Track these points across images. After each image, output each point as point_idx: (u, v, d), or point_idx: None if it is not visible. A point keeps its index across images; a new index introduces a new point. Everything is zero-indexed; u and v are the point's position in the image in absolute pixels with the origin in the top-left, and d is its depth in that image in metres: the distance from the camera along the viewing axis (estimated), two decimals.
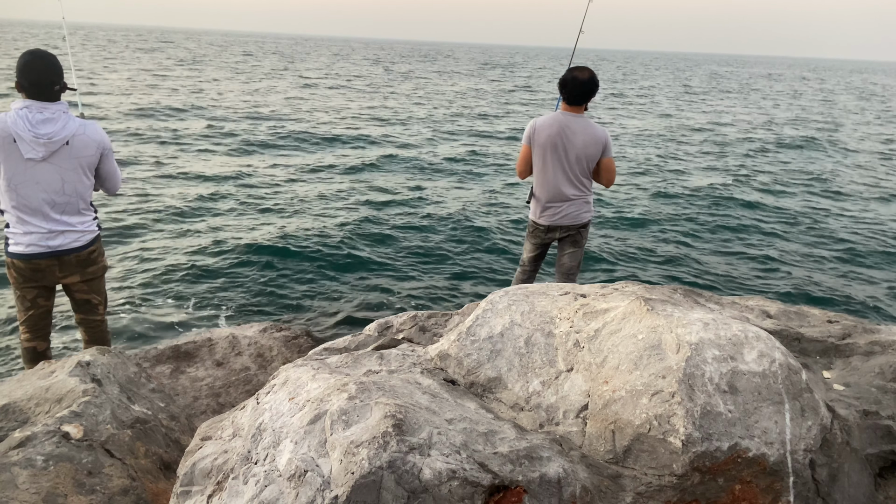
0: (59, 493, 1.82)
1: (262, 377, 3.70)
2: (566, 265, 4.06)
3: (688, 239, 8.77)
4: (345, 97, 26.48)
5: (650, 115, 25.02)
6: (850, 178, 13.82)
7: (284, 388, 1.81)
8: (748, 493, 1.58)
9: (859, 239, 9.10)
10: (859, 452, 1.80)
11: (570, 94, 3.74)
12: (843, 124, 24.32)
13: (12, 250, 2.94)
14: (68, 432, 2.00)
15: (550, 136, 3.78)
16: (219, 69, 38.93)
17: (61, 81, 2.85)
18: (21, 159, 2.78)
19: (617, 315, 1.92)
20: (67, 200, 2.95)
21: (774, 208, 10.72)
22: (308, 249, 7.66)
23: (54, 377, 2.31)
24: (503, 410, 1.84)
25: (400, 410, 1.54)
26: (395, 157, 13.76)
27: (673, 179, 12.82)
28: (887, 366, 2.08)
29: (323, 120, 19.20)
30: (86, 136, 2.92)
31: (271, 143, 14.91)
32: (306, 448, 1.50)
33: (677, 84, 49.29)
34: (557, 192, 3.89)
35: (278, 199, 9.98)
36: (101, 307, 3.28)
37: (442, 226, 8.98)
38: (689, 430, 1.56)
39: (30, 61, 2.77)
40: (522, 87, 38.57)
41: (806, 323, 2.47)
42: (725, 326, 1.79)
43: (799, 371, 1.73)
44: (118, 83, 26.10)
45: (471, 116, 22.23)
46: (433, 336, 2.38)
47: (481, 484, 1.43)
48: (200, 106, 20.59)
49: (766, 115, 26.65)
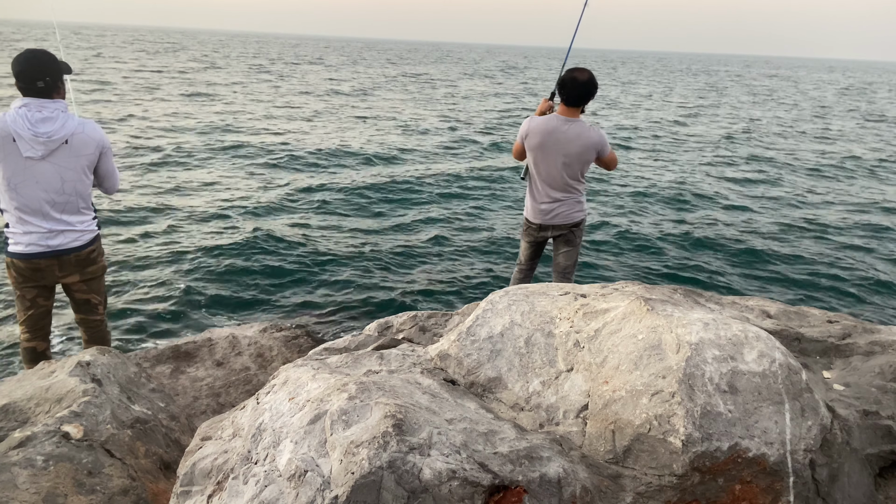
0: (59, 493, 1.82)
1: (262, 377, 3.70)
2: (561, 264, 4.07)
3: (687, 239, 8.77)
4: (320, 102, 26.40)
5: (650, 116, 25.02)
6: (850, 178, 13.82)
7: (284, 388, 1.81)
8: (748, 493, 1.58)
9: (860, 239, 9.10)
10: (859, 452, 1.80)
11: (568, 96, 3.70)
12: (844, 127, 24.31)
13: (12, 250, 2.94)
14: (68, 432, 2.00)
15: (543, 140, 3.76)
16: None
17: (45, 78, 2.81)
18: (20, 158, 2.79)
19: (617, 315, 1.92)
20: (67, 199, 2.95)
21: (774, 209, 10.72)
22: (308, 249, 7.66)
23: (54, 377, 2.31)
24: (503, 410, 1.84)
25: (400, 410, 1.54)
26: (395, 159, 13.76)
27: (673, 179, 12.82)
28: (887, 366, 2.08)
29: (323, 126, 19.20)
30: (85, 135, 2.92)
31: (272, 150, 14.91)
32: (306, 448, 1.50)
33: (681, 84, 49.30)
34: (548, 193, 3.90)
35: (278, 200, 9.98)
36: (101, 307, 3.28)
37: (442, 226, 8.98)
38: (689, 430, 1.56)
39: (18, 56, 2.81)
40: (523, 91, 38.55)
41: (806, 323, 2.47)
42: (725, 326, 1.79)
43: (799, 371, 1.73)
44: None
45: (471, 122, 22.23)
46: (433, 336, 2.38)
47: (481, 484, 1.43)
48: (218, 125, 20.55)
49: (767, 116, 26.64)
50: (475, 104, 26.78)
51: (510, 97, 31.12)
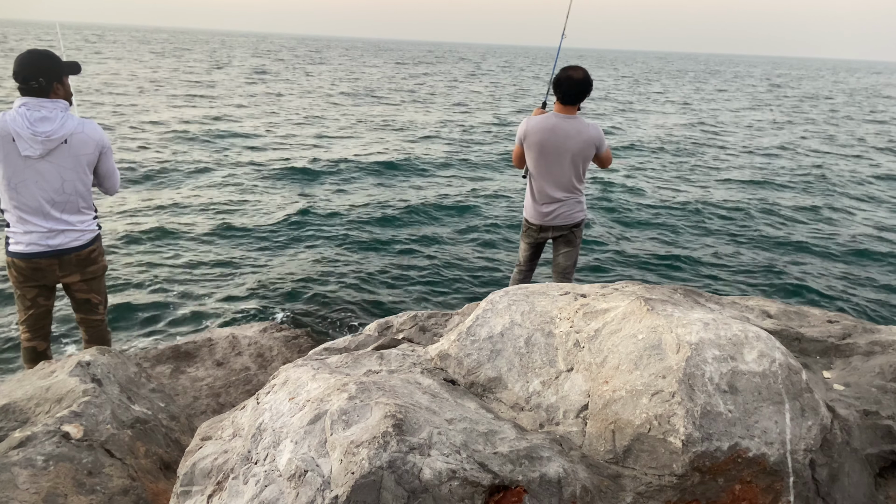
0: (59, 493, 1.82)
1: (262, 377, 3.70)
2: (562, 265, 4.06)
3: (688, 239, 8.77)
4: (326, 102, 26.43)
5: (649, 116, 25.02)
6: (850, 178, 13.82)
7: (284, 388, 1.81)
8: (748, 493, 1.58)
9: (860, 239, 9.09)
10: (859, 452, 1.80)
11: (564, 94, 3.70)
12: (846, 127, 24.31)
13: (12, 249, 2.94)
14: (68, 432, 2.00)
15: (542, 138, 3.75)
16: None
17: (39, 78, 2.81)
18: (20, 157, 2.79)
19: (617, 315, 1.92)
20: (67, 199, 2.95)
21: (774, 208, 10.72)
22: (308, 249, 7.66)
23: (54, 377, 2.31)
24: (503, 410, 1.84)
25: (400, 410, 1.54)
26: (395, 159, 13.76)
27: (673, 180, 12.82)
28: (887, 366, 2.08)
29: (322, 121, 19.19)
30: (84, 135, 2.92)
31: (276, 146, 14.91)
32: (306, 448, 1.50)
33: (685, 84, 49.27)
34: (549, 194, 3.88)
35: (278, 200, 9.98)
36: (102, 307, 3.28)
37: (442, 226, 8.98)
38: (689, 430, 1.56)
39: (17, 56, 2.83)
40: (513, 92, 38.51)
41: (806, 323, 2.47)
42: (725, 326, 1.78)
43: (799, 371, 1.73)
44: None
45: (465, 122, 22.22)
46: (433, 336, 2.38)
47: (481, 484, 1.43)
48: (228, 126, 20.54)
49: (768, 117, 26.64)
50: (475, 105, 26.77)
51: (511, 97, 31.12)
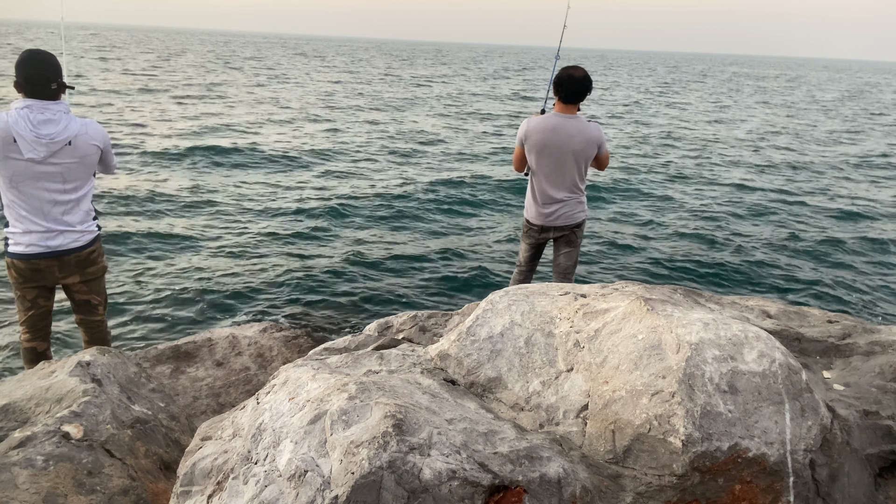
0: (59, 493, 1.82)
1: (262, 377, 3.70)
2: (562, 265, 4.06)
3: (688, 239, 8.77)
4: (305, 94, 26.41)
5: (650, 117, 25.02)
6: (850, 178, 13.82)
7: (284, 388, 1.81)
8: (748, 493, 1.58)
9: (860, 239, 9.09)
10: (859, 452, 1.80)
11: (566, 93, 3.71)
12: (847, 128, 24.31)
13: (12, 250, 2.94)
14: (68, 432, 2.00)
15: (544, 138, 3.75)
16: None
17: (58, 80, 2.84)
18: (22, 159, 2.78)
19: (617, 315, 1.92)
20: (68, 200, 2.95)
21: (774, 208, 10.72)
22: (308, 249, 7.66)
23: (54, 377, 2.31)
24: (503, 410, 1.84)
25: (400, 410, 1.54)
26: (395, 160, 13.76)
27: (673, 180, 12.82)
28: (887, 366, 2.08)
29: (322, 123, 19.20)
30: (88, 136, 2.92)
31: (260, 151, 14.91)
32: (306, 448, 1.50)
33: (685, 84, 49.30)
34: (550, 195, 3.88)
35: (278, 200, 9.98)
36: (101, 308, 3.28)
37: (442, 226, 8.98)
38: (689, 430, 1.56)
39: (26, 58, 2.79)
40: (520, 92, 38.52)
41: (806, 323, 2.47)
42: (725, 326, 1.79)
43: (799, 371, 1.73)
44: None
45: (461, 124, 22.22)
46: (433, 336, 2.38)
47: (481, 484, 1.43)
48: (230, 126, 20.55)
49: (767, 117, 26.64)
50: (475, 105, 26.77)
51: (510, 98, 31.12)
